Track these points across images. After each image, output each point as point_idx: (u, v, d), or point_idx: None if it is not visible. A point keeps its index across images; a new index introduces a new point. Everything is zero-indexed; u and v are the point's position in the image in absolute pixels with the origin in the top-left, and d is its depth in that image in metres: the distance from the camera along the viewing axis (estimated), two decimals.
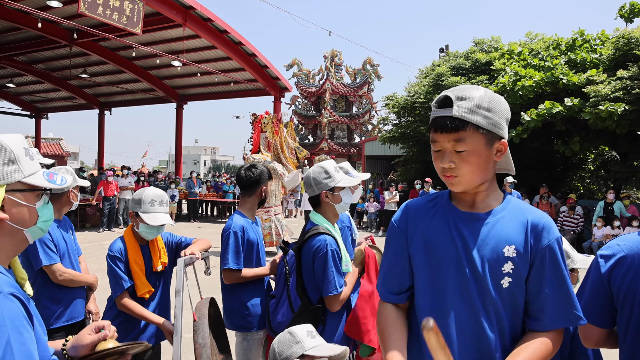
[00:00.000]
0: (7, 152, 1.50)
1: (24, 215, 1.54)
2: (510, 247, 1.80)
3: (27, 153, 1.56)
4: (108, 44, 21.47)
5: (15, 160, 1.51)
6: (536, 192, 16.21)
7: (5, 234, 1.51)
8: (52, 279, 3.69)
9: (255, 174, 3.85)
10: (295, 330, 2.21)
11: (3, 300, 1.34)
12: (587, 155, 19.39)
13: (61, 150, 44.83)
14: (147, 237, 3.49)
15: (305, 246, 3.08)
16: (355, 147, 34.25)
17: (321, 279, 2.98)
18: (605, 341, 2.14)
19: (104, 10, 14.83)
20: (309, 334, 2.20)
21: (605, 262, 2.09)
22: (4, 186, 1.48)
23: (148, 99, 28.64)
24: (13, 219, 1.51)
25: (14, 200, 1.51)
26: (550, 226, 1.84)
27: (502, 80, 14.98)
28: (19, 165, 1.52)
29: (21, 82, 27.64)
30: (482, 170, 1.82)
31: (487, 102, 1.80)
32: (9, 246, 1.54)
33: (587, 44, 15.70)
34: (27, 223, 1.55)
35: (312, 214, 3.27)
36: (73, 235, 4.11)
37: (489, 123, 1.79)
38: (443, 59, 22.47)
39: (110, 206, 17.80)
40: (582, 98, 13.32)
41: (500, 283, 1.80)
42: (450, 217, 1.90)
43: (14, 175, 1.50)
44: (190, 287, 3.21)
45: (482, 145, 1.79)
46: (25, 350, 1.33)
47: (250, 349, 3.63)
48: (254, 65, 22.12)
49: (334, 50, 35.36)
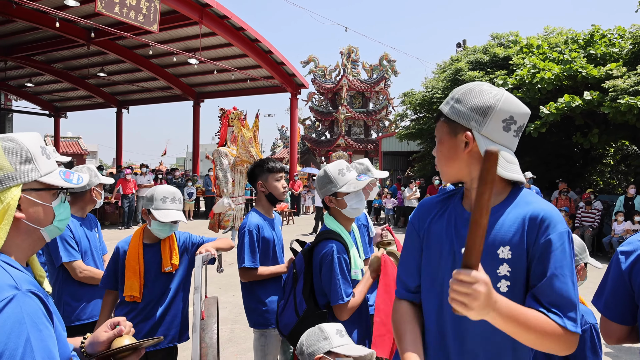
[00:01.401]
0: (23, 151, 1.50)
1: (40, 214, 1.55)
2: (505, 248, 1.70)
3: (43, 152, 1.56)
4: (125, 43, 21.58)
5: (31, 159, 1.52)
6: (555, 187, 16.07)
7: (22, 233, 1.51)
8: (72, 276, 3.71)
9: (251, 169, 3.86)
10: (325, 327, 2.22)
11: (22, 297, 1.34)
12: (607, 150, 19.18)
13: (80, 149, 45.16)
14: (160, 234, 3.45)
15: (315, 250, 3.00)
16: (372, 144, 34.21)
17: (327, 288, 2.89)
18: (626, 338, 2.11)
19: (121, 8, 14.91)
20: (338, 332, 2.21)
21: (626, 258, 2.05)
22: (20, 185, 1.48)
23: (165, 97, 28.78)
24: (30, 218, 1.52)
25: (31, 199, 1.52)
26: (551, 218, 1.68)
27: (521, 74, 14.84)
28: (35, 165, 1.53)
29: (40, 82, 27.91)
30: (450, 160, 1.83)
31: (460, 93, 1.82)
32: (26, 245, 1.54)
33: (605, 39, 15.52)
34: (43, 222, 1.56)
35: (326, 216, 3.18)
36: (99, 234, 4.12)
37: (452, 112, 1.80)
38: (461, 53, 22.33)
39: (129, 204, 17.95)
40: (601, 92, 13.15)
41: (497, 287, 1.69)
42: (453, 217, 1.87)
43: (30, 174, 1.51)
44: (204, 285, 3.21)
45: (446, 134, 1.83)
46: (45, 347, 1.34)
47: (268, 345, 3.63)
48: (270, 62, 22.13)
49: (350, 46, 35.35)
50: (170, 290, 3.49)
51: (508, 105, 1.75)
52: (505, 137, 1.77)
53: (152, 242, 3.52)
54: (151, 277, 3.44)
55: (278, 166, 3.82)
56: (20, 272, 1.43)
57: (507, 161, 1.74)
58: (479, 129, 1.75)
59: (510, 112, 1.75)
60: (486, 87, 1.79)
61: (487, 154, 1.36)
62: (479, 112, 1.75)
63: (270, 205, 3.87)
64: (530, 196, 1.79)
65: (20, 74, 26.84)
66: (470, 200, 1.84)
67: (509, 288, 1.70)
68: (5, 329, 1.28)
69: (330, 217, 3.12)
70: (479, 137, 1.74)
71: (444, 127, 1.84)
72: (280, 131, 42.38)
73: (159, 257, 3.47)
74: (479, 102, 1.75)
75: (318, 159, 38.00)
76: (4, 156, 1.47)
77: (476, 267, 1.44)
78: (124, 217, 18.01)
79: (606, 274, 2.14)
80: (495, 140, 1.75)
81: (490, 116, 1.74)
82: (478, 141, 1.74)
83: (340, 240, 2.96)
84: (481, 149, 1.72)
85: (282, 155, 40.10)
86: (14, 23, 18.80)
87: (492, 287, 1.48)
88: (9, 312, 1.30)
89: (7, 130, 30.85)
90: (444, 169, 1.87)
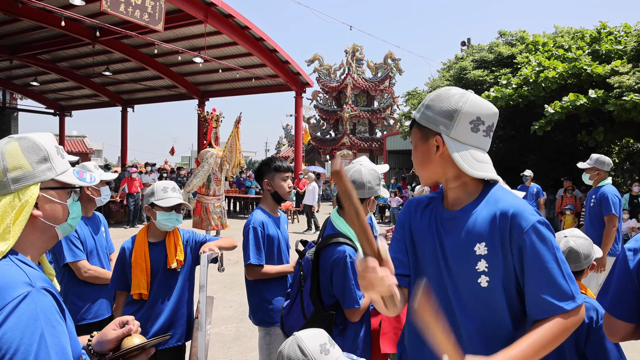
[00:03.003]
0: (40, 150, 1.54)
1: (56, 212, 1.59)
2: (481, 245, 1.77)
3: (58, 152, 1.61)
4: (130, 42, 21.59)
5: (48, 158, 1.56)
6: (560, 185, 16.03)
7: (37, 230, 1.55)
8: (77, 276, 3.72)
9: (258, 167, 3.88)
10: (307, 346, 1.88)
11: (37, 294, 1.37)
12: (612, 147, 19.11)
13: (85, 147, 45.25)
14: (166, 226, 3.49)
15: (324, 253, 2.93)
16: (377, 142, 34.18)
17: (341, 292, 2.86)
18: (631, 336, 2.11)
19: (126, 7, 14.93)
20: (322, 350, 1.88)
21: (633, 255, 2.06)
22: (38, 184, 1.52)
23: (170, 96, 28.78)
24: (46, 216, 1.56)
25: (48, 197, 1.56)
26: (522, 212, 1.74)
27: (525, 72, 14.81)
28: (52, 164, 1.57)
29: (45, 81, 27.94)
30: (424, 164, 1.91)
31: (429, 99, 1.88)
32: (41, 242, 1.58)
33: (611, 36, 15.47)
34: (58, 220, 1.60)
35: (336, 217, 3.07)
36: (106, 233, 4.13)
37: (422, 118, 1.88)
38: (466, 52, 22.28)
39: (134, 203, 17.98)
40: (606, 89, 13.10)
41: (478, 282, 1.77)
42: (434, 217, 1.95)
43: (47, 173, 1.55)
44: (209, 284, 3.23)
45: (419, 140, 1.92)
46: (59, 343, 1.37)
47: (273, 343, 3.65)
48: (275, 61, 22.12)
49: (355, 44, 35.28)
50: (176, 287, 3.52)
51: (473, 107, 1.82)
52: (475, 138, 1.84)
53: (157, 240, 3.54)
54: (157, 274, 3.46)
55: (285, 166, 3.83)
56: (33, 270, 1.46)
57: (478, 160, 1.82)
58: (448, 132, 1.82)
59: (477, 114, 1.82)
60: (453, 92, 1.86)
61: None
62: (446, 116, 1.82)
63: (275, 204, 3.88)
64: (499, 192, 1.86)
65: (26, 73, 26.87)
66: (448, 200, 1.94)
67: (488, 283, 1.77)
68: (20, 324, 1.30)
69: (342, 218, 3.04)
70: (448, 140, 1.82)
71: (417, 132, 1.93)
72: (284, 130, 42.38)
73: (165, 255, 3.49)
74: (445, 106, 1.83)
75: (323, 158, 38.00)
76: (23, 155, 1.51)
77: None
78: (129, 215, 18.05)
79: (611, 272, 2.15)
80: (464, 142, 1.82)
81: (457, 119, 1.81)
82: (447, 144, 1.82)
83: (351, 244, 2.92)
84: (451, 151, 1.81)
85: (287, 153, 40.11)
86: (19, 22, 18.83)
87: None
88: (23, 309, 1.33)
89: (13, 129, 30.95)
90: (420, 173, 1.96)
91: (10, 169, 1.48)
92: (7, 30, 20.30)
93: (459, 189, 1.88)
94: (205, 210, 10.87)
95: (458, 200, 1.89)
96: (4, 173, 1.47)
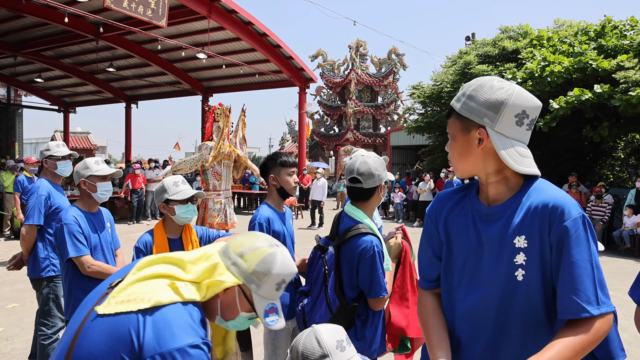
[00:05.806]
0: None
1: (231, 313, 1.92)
2: (521, 238, 1.73)
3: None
4: (134, 38, 21.62)
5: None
6: (565, 181, 16.00)
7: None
8: (81, 271, 3.72)
9: (263, 162, 3.86)
10: (324, 339, 1.90)
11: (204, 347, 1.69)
12: (617, 143, 19.06)
13: (89, 143, 45.30)
14: (185, 219, 3.58)
15: (348, 245, 2.91)
16: (381, 137, 34.15)
17: (368, 282, 2.86)
18: None
19: (129, 3, 14.91)
20: (339, 346, 1.90)
21: None
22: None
23: (174, 92, 28.79)
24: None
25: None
26: (565, 204, 1.69)
27: (530, 67, 14.74)
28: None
29: (49, 77, 27.97)
30: (463, 157, 1.85)
31: (471, 89, 1.81)
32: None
33: (617, 30, 15.38)
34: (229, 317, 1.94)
35: (352, 208, 3.06)
36: (112, 228, 4.13)
37: (464, 108, 1.80)
38: (470, 47, 22.22)
39: (138, 199, 18.00)
40: (612, 84, 13.03)
41: (515, 275, 1.73)
42: (470, 212, 1.90)
43: (251, 285, 1.89)
44: None
45: (459, 131, 1.84)
46: None
47: (278, 338, 3.63)
48: (278, 57, 22.10)
49: (358, 40, 35.21)
50: None
51: (520, 100, 1.75)
52: (519, 132, 1.77)
53: (174, 236, 3.62)
54: None
55: (291, 161, 3.81)
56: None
57: (521, 155, 1.76)
58: (492, 125, 1.75)
59: (523, 107, 1.75)
60: (497, 83, 1.78)
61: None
62: (492, 108, 1.75)
63: (281, 199, 3.85)
64: (542, 185, 1.80)
65: (30, 70, 26.92)
66: (485, 195, 1.87)
67: (524, 277, 1.73)
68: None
69: (359, 209, 3.03)
70: (493, 133, 1.75)
71: (457, 123, 1.85)
72: (288, 125, 42.37)
73: (182, 250, 3.49)
74: (491, 98, 1.75)
75: (327, 153, 37.98)
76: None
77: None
78: (133, 211, 18.06)
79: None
80: (508, 136, 1.76)
81: (503, 112, 1.74)
82: (492, 138, 1.75)
83: (376, 234, 2.92)
84: (496, 146, 1.74)
85: (291, 149, 40.10)
86: (23, 19, 18.83)
87: None
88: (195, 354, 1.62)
89: (18, 126, 30.95)
90: (458, 165, 1.88)
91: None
92: (11, 27, 20.31)
93: (499, 184, 1.83)
94: (204, 207, 10.68)
95: (499, 195, 1.83)
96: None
